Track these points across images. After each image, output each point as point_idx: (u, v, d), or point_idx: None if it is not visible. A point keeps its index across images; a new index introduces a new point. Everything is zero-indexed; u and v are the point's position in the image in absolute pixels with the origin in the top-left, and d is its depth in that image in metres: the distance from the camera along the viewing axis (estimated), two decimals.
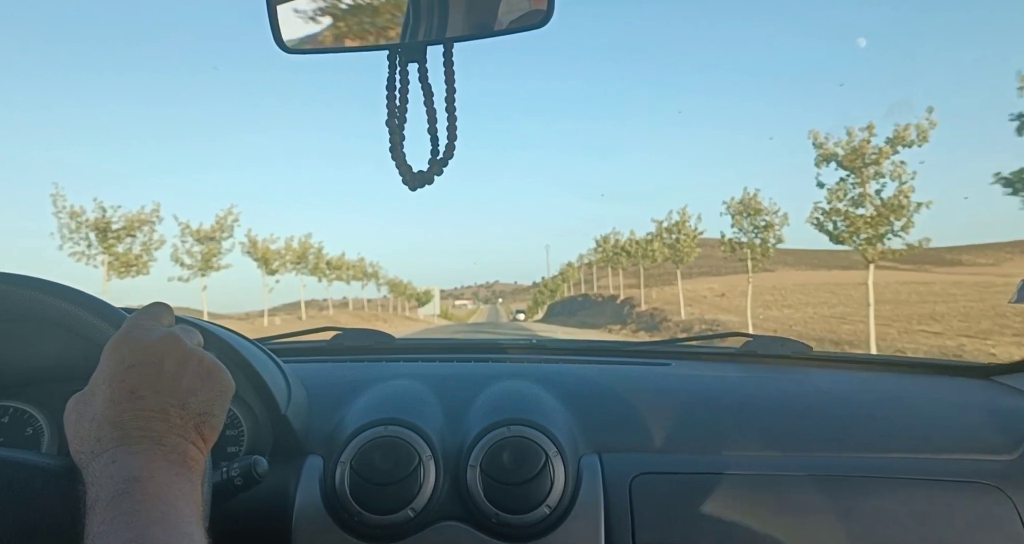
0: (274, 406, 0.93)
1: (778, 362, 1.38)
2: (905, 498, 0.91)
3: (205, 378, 0.57)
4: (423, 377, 1.13)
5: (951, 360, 1.36)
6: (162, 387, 0.54)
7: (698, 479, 0.93)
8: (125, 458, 0.49)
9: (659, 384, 1.15)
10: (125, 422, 0.51)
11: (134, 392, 0.53)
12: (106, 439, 0.50)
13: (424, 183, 0.71)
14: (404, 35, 0.70)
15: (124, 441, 0.50)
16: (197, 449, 0.54)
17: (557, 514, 0.89)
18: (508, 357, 1.42)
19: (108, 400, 0.53)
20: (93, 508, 0.47)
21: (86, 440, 0.52)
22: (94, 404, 0.53)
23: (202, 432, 0.55)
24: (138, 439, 0.51)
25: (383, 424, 0.93)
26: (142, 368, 0.55)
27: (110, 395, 0.53)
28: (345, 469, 0.89)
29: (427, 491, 0.89)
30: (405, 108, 0.70)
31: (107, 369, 0.55)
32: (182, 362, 0.57)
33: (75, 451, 0.52)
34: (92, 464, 0.50)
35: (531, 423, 0.94)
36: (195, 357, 0.58)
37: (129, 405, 0.52)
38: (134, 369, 0.54)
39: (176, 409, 0.54)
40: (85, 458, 0.51)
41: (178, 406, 0.54)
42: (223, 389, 0.59)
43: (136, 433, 0.51)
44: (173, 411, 0.54)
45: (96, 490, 0.48)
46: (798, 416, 1.06)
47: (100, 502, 0.47)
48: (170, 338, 0.58)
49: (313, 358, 1.36)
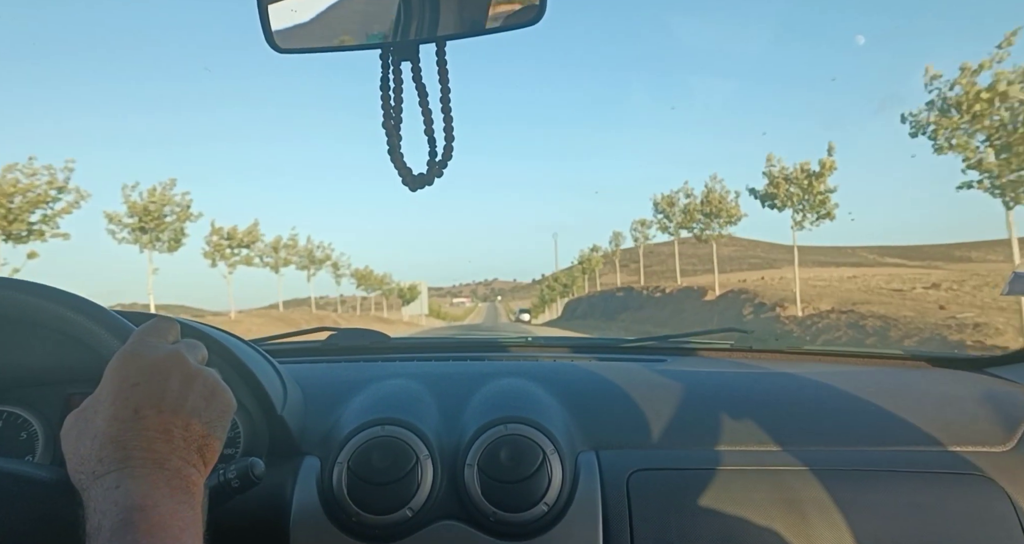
0: (270, 407, 0.92)
1: (773, 357, 1.38)
2: (900, 490, 0.92)
3: (209, 398, 0.56)
4: (419, 376, 1.13)
5: (946, 353, 1.37)
6: (166, 407, 0.53)
7: (695, 474, 0.93)
8: (128, 483, 0.48)
9: (655, 380, 1.15)
10: (128, 442, 0.50)
11: (138, 411, 0.52)
12: (108, 460, 0.49)
13: (424, 185, 0.71)
14: (396, 33, 0.69)
15: (127, 463, 0.49)
16: (198, 473, 0.53)
17: (555, 512, 0.89)
18: (504, 355, 1.42)
19: (111, 418, 0.52)
20: (95, 537, 0.46)
21: (86, 460, 0.50)
22: (95, 422, 0.52)
23: (204, 455, 0.54)
24: (141, 462, 0.50)
25: (380, 424, 0.93)
26: (147, 387, 0.54)
27: (113, 413, 0.52)
28: (342, 469, 0.89)
29: (425, 490, 0.88)
30: (400, 108, 0.69)
31: (111, 386, 0.54)
32: (187, 382, 0.56)
33: (74, 470, 0.51)
34: (93, 487, 0.49)
35: (528, 421, 0.94)
36: (200, 376, 0.57)
37: (133, 424, 0.51)
38: (139, 387, 0.53)
39: (180, 430, 0.53)
40: (85, 479, 0.50)
41: (182, 427, 0.53)
42: (226, 409, 0.58)
43: (139, 454, 0.50)
44: (177, 432, 0.53)
45: (99, 518, 0.47)
46: (794, 410, 1.06)
47: (103, 532, 0.46)
48: (175, 356, 0.57)
49: (308, 359, 1.36)
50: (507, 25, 0.70)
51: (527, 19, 0.70)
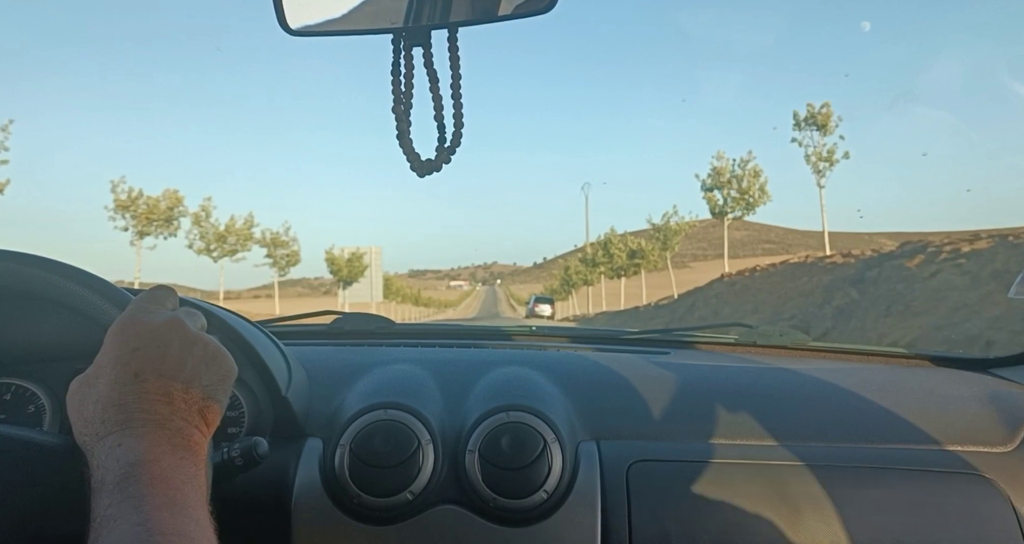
0: (275, 388, 0.93)
1: (776, 352, 1.38)
2: (900, 488, 0.92)
3: (209, 362, 0.57)
4: (423, 362, 1.14)
5: (949, 353, 1.36)
6: (166, 370, 0.54)
7: (695, 467, 0.94)
8: (130, 441, 0.49)
9: (658, 372, 1.15)
10: (129, 404, 0.52)
11: (138, 375, 0.53)
12: (110, 421, 0.51)
13: (432, 170, 0.71)
14: (408, 18, 0.69)
15: (128, 423, 0.50)
16: (200, 433, 0.54)
17: (554, 499, 0.89)
18: (508, 343, 1.43)
19: (112, 382, 0.53)
20: (99, 491, 0.47)
21: (90, 422, 0.52)
22: (98, 386, 0.53)
23: (205, 416, 0.55)
24: (142, 422, 0.51)
25: (383, 408, 0.93)
26: (147, 351, 0.55)
27: (114, 377, 0.53)
28: (345, 452, 0.90)
29: (426, 475, 0.89)
30: (411, 94, 0.69)
31: (112, 351, 0.55)
32: (187, 346, 0.57)
33: (79, 433, 0.53)
34: (97, 446, 0.50)
35: (530, 409, 0.94)
36: (200, 341, 0.58)
37: (133, 388, 0.53)
38: (139, 352, 0.55)
39: (180, 393, 0.54)
40: (89, 440, 0.51)
41: (182, 390, 0.54)
42: (226, 374, 0.59)
43: (140, 416, 0.51)
44: (177, 395, 0.54)
45: (102, 473, 0.48)
46: (795, 405, 1.06)
47: (106, 485, 0.47)
48: (175, 322, 0.58)
49: (314, 341, 1.37)
50: (520, 13, 0.70)
51: (540, 7, 0.70)
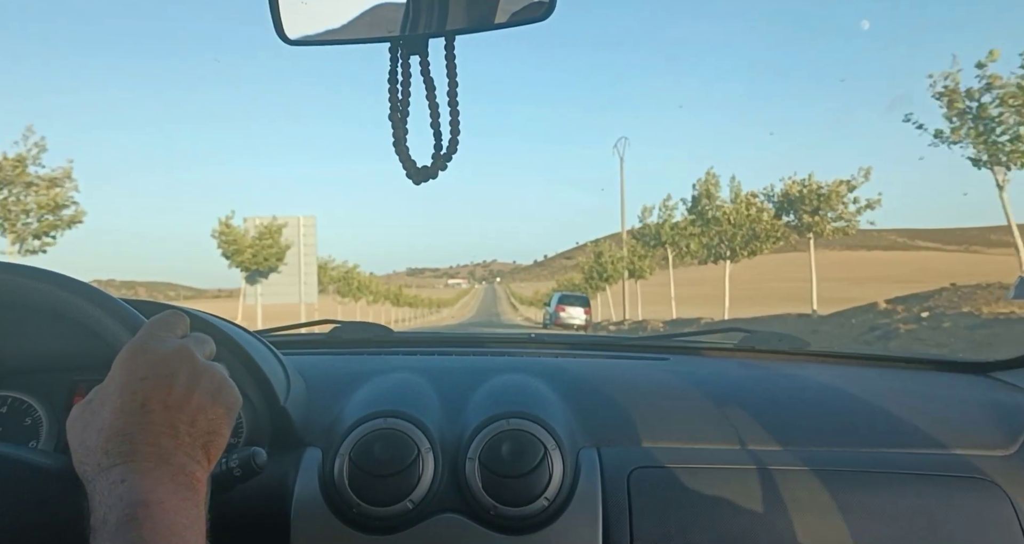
0: (273, 398, 0.93)
1: (776, 357, 1.38)
2: (901, 493, 0.92)
3: (215, 395, 0.57)
4: (422, 370, 1.13)
5: (949, 356, 1.37)
6: (173, 402, 0.53)
7: (696, 473, 0.94)
8: (134, 478, 0.48)
9: (657, 378, 1.15)
10: (134, 435, 0.51)
11: (144, 405, 0.52)
12: (114, 453, 0.50)
13: (428, 178, 0.71)
14: (405, 27, 0.70)
15: (132, 457, 0.50)
16: (203, 469, 0.54)
17: (555, 507, 0.89)
18: (507, 351, 1.42)
19: (118, 411, 0.52)
20: (100, 531, 0.46)
21: (92, 451, 0.51)
22: (102, 414, 0.52)
23: (208, 451, 0.55)
24: (146, 456, 0.50)
25: (382, 416, 0.93)
26: (155, 381, 0.54)
27: (120, 406, 0.52)
28: (344, 461, 0.89)
29: (426, 483, 0.89)
30: (407, 102, 0.69)
31: (119, 379, 0.54)
32: (194, 377, 0.56)
33: (79, 462, 0.52)
34: (98, 479, 0.49)
35: (530, 416, 0.94)
36: (207, 373, 0.57)
37: (139, 418, 0.52)
38: (147, 381, 0.54)
39: (185, 426, 0.53)
40: (90, 471, 0.50)
41: (187, 423, 0.53)
42: (231, 406, 0.58)
43: (145, 449, 0.50)
44: (183, 428, 0.53)
45: (104, 511, 0.47)
46: (795, 411, 1.06)
47: (108, 525, 0.46)
48: (184, 351, 0.57)
49: (312, 351, 1.36)
50: (517, 20, 0.70)
51: (537, 15, 0.70)
